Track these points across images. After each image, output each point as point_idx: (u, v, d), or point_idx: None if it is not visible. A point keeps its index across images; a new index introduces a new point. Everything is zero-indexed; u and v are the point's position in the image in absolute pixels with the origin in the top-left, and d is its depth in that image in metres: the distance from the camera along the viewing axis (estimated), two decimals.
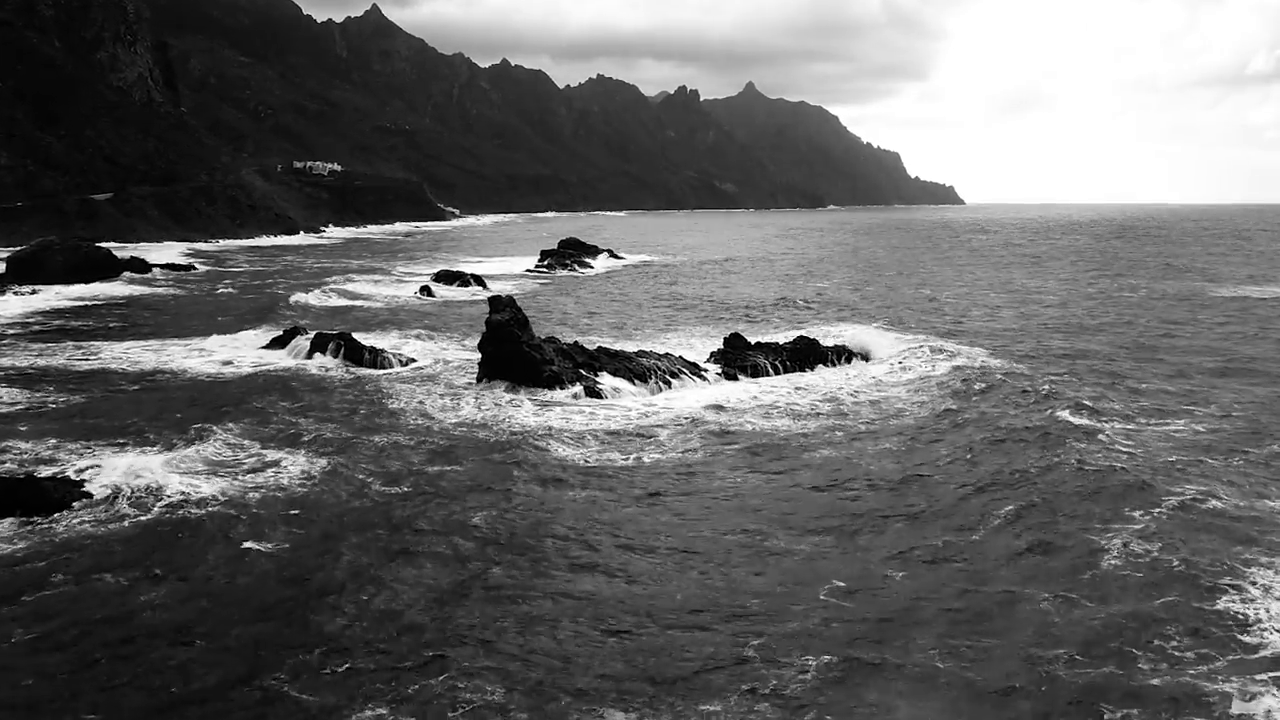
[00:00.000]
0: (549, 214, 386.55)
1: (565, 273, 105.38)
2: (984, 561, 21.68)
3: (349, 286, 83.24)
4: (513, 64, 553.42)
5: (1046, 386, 38.03)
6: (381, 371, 43.08)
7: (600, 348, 44.33)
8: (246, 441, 30.84)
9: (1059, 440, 30.35)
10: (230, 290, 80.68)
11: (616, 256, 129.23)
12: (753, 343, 47.64)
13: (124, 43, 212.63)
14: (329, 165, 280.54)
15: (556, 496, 26.65)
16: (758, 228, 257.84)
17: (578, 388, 38.86)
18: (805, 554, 22.37)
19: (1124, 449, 29.47)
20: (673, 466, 29.56)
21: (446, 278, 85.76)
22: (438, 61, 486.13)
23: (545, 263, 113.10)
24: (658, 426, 34.24)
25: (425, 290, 76.64)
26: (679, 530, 23.93)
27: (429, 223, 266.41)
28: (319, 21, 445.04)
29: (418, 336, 54.19)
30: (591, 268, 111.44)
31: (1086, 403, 35.22)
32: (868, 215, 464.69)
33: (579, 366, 41.22)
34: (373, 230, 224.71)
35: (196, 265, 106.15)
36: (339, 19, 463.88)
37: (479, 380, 39.91)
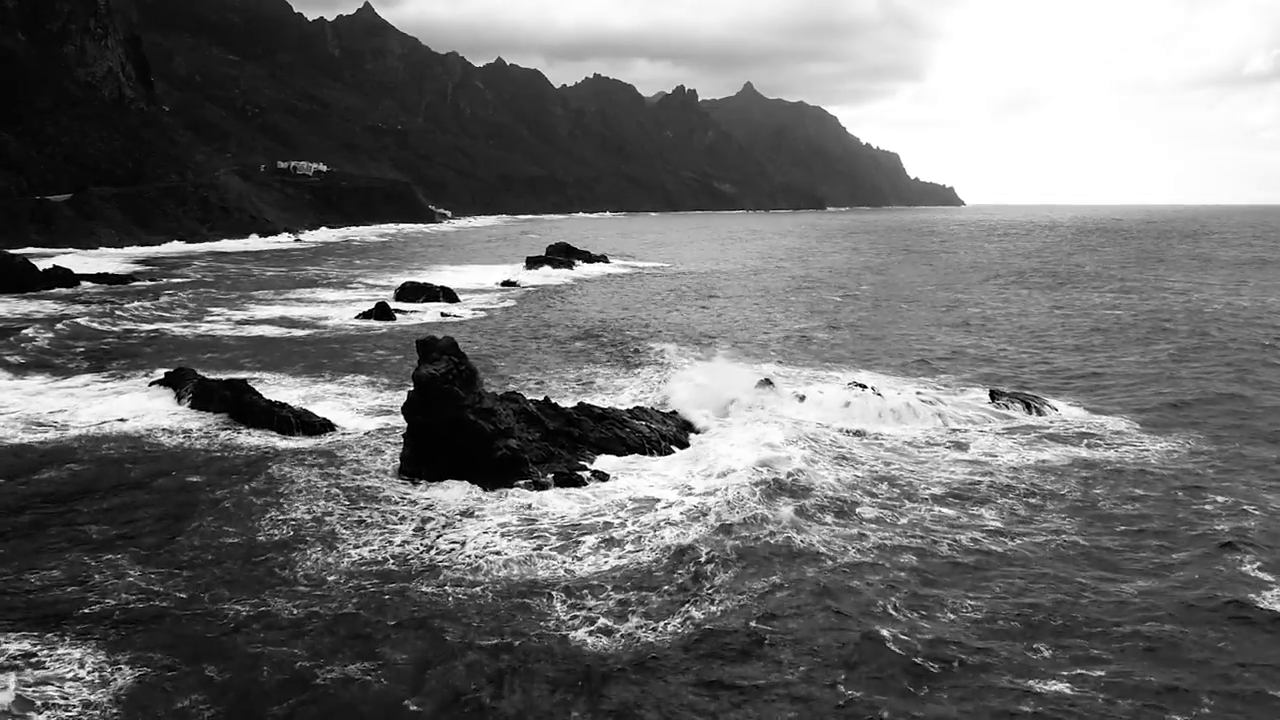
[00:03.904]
0: (544, 216, 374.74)
1: (552, 282, 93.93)
2: None
3: (289, 306, 71.47)
4: (508, 63, 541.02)
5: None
6: (278, 443, 30.98)
7: (582, 405, 32.56)
8: None
9: None
10: (148, 310, 68.11)
11: (610, 263, 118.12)
12: (789, 391, 35.81)
13: (93, 36, 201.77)
14: (314, 165, 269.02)
15: None
16: (758, 232, 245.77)
17: (549, 479, 27.04)
18: None
19: None
20: (774, 654, 17.74)
21: (411, 292, 74.11)
22: (431, 60, 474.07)
23: (530, 271, 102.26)
24: (710, 552, 22.17)
25: (381, 309, 64.68)
26: None
27: (417, 225, 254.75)
28: (310, 20, 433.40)
29: (348, 381, 42.35)
30: (582, 278, 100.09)
31: None
32: (857, 217, 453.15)
33: (552, 438, 29.47)
34: (355, 233, 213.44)
35: (139, 275, 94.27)
36: (330, 18, 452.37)
37: (403, 469, 27.85)
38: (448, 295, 74.62)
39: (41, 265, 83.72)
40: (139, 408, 34.94)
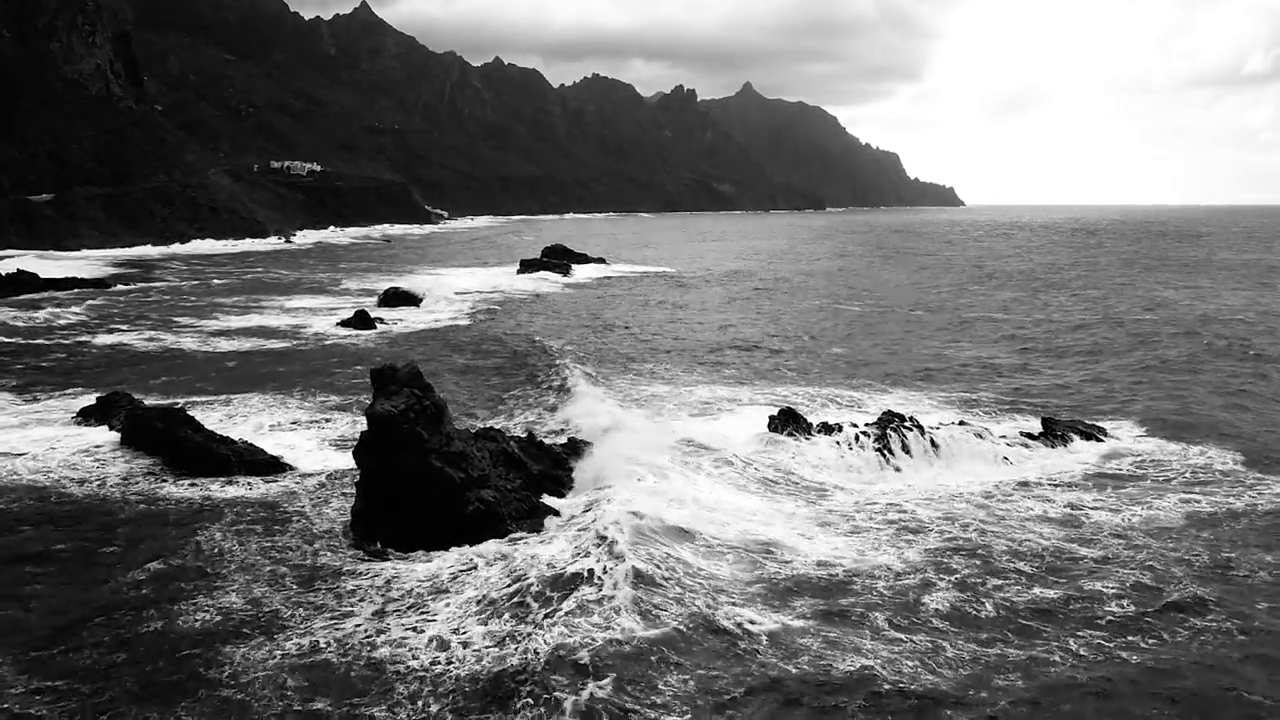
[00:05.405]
0: (542, 216, 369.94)
1: (546, 287, 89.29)
2: None
3: (266, 314, 66.69)
4: (506, 63, 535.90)
5: None
6: (216, 493, 26.10)
7: (573, 442, 27.75)
8: None
9: None
10: (110, 318, 63.24)
11: (608, 266, 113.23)
12: (815, 423, 31.10)
13: (81, 32, 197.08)
14: (308, 165, 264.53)
15: None
16: (757, 232, 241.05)
17: (530, 538, 22.31)
18: None
19: None
20: None
21: (395, 298, 69.53)
22: (428, 60, 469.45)
23: (524, 275, 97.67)
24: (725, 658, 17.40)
25: (360, 317, 59.96)
26: None
27: (412, 226, 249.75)
28: (306, 19, 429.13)
29: (319, 403, 37.62)
30: (578, 281, 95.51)
31: None
32: (857, 217, 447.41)
33: (536, 484, 24.71)
34: (347, 234, 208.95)
35: (114, 279, 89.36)
36: (326, 16, 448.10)
37: (354, 527, 23.10)
38: (435, 301, 70.06)
39: (7, 268, 79.11)
40: (52, 442, 29.91)
